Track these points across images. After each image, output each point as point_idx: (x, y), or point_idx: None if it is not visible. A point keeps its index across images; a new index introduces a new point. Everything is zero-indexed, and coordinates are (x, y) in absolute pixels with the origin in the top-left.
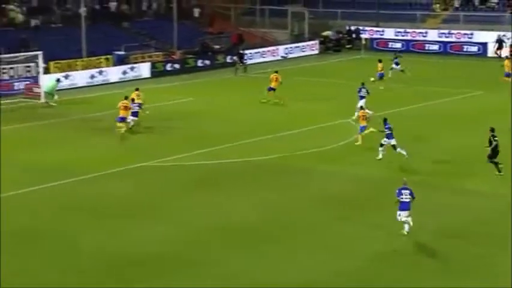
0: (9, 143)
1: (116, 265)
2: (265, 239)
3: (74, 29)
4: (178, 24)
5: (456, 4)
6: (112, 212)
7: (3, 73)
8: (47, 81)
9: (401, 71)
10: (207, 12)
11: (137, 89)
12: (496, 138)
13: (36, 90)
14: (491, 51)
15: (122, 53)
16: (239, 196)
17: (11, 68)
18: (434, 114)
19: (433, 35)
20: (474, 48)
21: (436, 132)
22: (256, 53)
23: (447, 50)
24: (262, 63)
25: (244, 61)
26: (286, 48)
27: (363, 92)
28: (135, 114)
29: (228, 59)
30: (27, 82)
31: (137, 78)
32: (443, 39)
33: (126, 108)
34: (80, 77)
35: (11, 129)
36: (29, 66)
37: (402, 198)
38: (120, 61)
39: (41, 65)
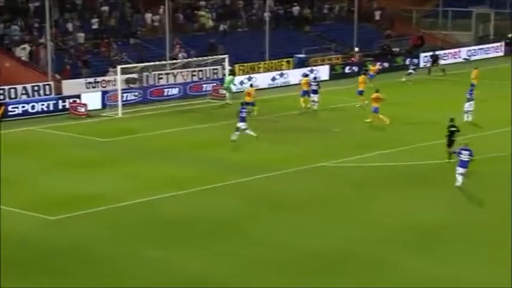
0: (199, 140)
1: (300, 258)
2: (443, 241)
3: (258, 32)
4: (358, 27)
5: None
6: (296, 207)
7: (193, 75)
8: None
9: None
10: (388, 14)
11: (251, 86)
12: (452, 129)
13: (222, 91)
14: None
15: (303, 55)
16: (422, 196)
17: (200, 70)
18: None
19: None
20: None
21: None
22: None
23: None
24: (443, 66)
25: (437, 63)
26: (469, 50)
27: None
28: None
29: (407, 62)
30: (214, 84)
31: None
32: None
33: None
34: (262, 79)
35: (200, 128)
36: (216, 69)
37: (461, 156)
38: (301, 64)
39: (227, 67)
